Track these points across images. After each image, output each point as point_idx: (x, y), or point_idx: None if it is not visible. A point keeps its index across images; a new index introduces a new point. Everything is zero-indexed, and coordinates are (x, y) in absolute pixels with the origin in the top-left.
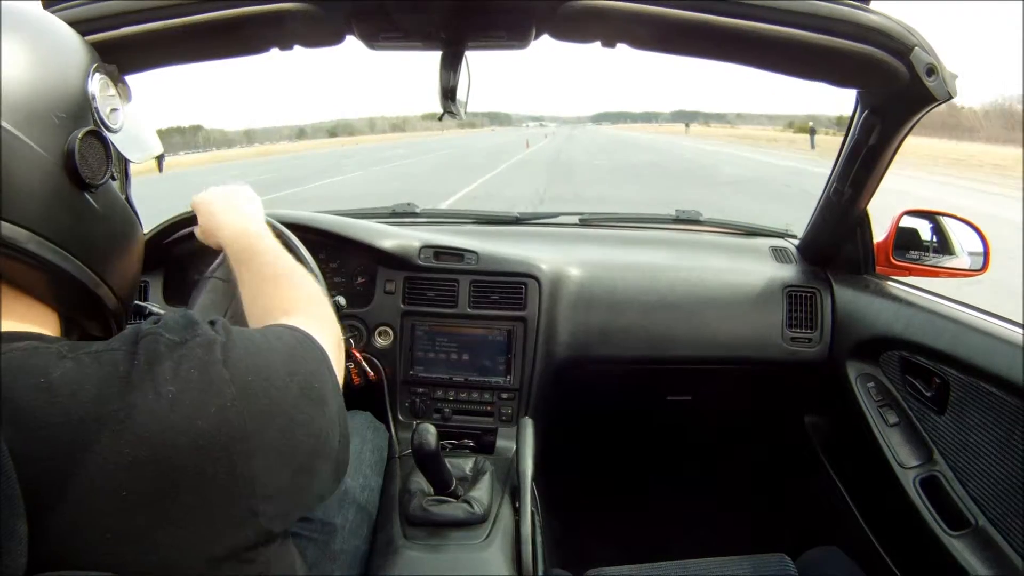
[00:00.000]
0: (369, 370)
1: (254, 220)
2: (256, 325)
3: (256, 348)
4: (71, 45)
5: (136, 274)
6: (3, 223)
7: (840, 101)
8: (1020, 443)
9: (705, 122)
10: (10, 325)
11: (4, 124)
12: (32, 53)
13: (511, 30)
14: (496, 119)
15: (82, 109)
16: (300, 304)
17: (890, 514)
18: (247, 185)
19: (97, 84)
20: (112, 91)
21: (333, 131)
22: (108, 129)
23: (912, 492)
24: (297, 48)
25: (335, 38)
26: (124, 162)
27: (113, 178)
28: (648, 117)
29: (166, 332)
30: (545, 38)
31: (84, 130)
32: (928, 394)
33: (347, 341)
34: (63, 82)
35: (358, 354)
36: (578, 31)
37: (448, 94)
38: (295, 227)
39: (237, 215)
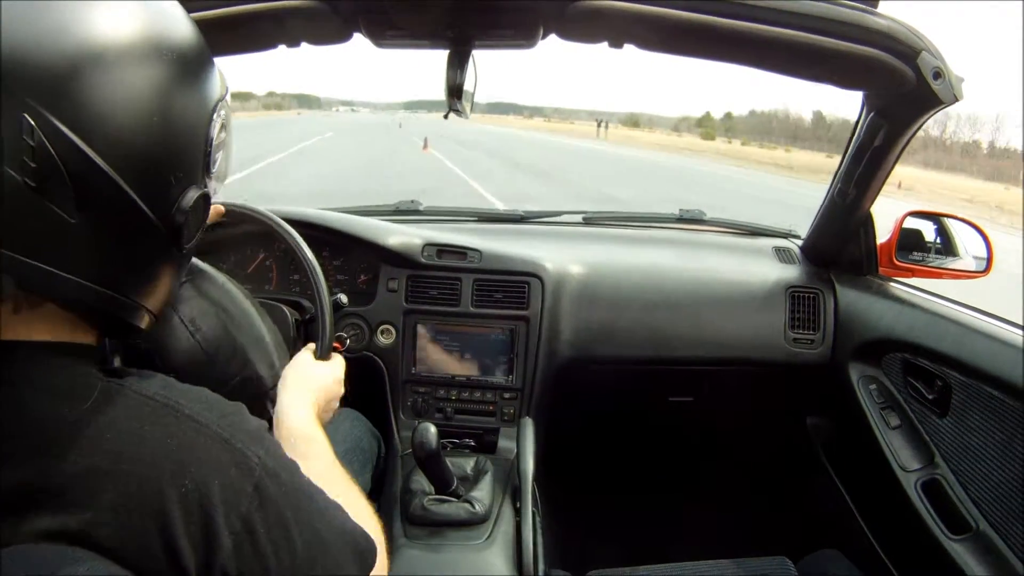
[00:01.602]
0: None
1: (314, 415)
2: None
3: (296, 506)
4: (210, 75)
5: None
6: (96, 289)
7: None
8: (1021, 447)
9: (528, 115)
10: (45, 335)
11: (117, 179)
12: (175, 91)
13: (518, 29)
14: (305, 101)
15: (198, 161)
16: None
17: (891, 517)
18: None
19: (217, 127)
20: (224, 134)
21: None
22: (210, 177)
23: (913, 495)
24: (304, 45)
25: (342, 36)
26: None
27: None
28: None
29: (217, 426)
30: (552, 38)
31: (198, 194)
32: (930, 397)
33: (346, 339)
34: (192, 131)
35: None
36: (586, 31)
37: (454, 92)
38: (297, 224)
39: (307, 404)
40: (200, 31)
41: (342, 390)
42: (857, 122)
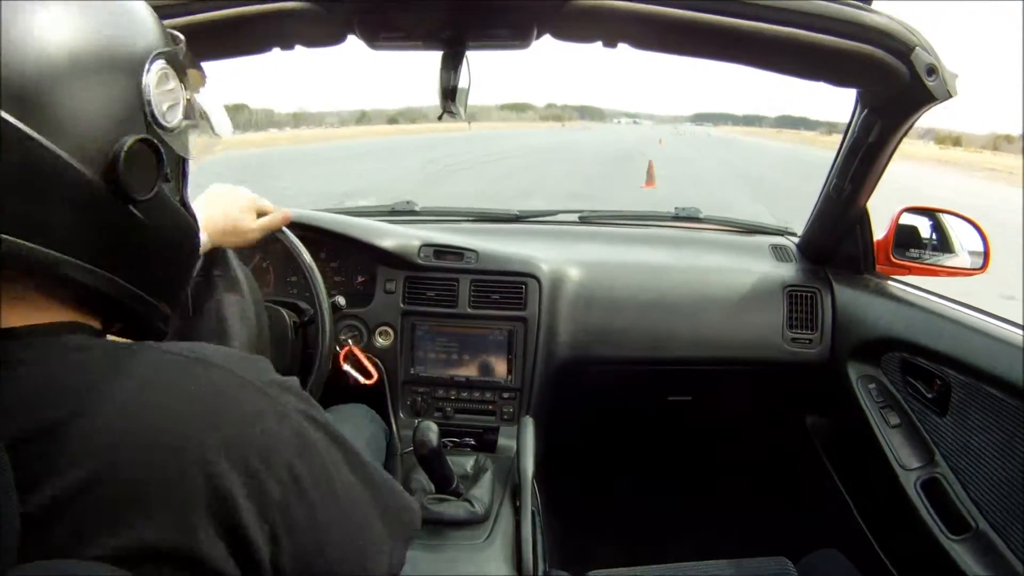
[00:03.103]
0: (371, 368)
1: (229, 212)
2: None
3: (334, 457)
4: (139, 25)
5: (188, 277)
6: (34, 246)
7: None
8: (1021, 446)
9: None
10: (53, 316)
11: (33, 134)
12: (85, 31)
13: (513, 30)
14: (587, 113)
15: (132, 110)
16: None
17: (891, 517)
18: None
19: (154, 77)
20: (171, 84)
21: (394, 118)
22: (163, 128)
23: (913, 495)
24: (298, 48)
25: (336, 38)
26: (182, 161)
27: (167, 180)
28: (750, 120)
29: (248, 375)
30: (546, 38)
31: (132, 139)
32: (929, 396)
33: (347, 341)
34: (113, 79)
35: (359, 353)
36: (580, 31)
37: (448, 94)
38: (294, 226)
39: (215, 215)
40: (195, 35)
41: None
42: (851, 118)
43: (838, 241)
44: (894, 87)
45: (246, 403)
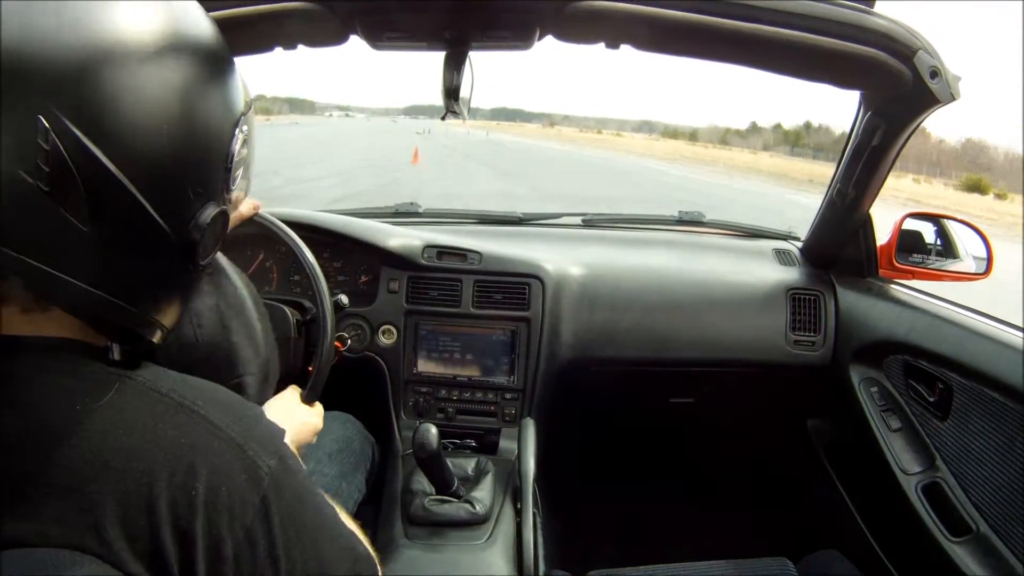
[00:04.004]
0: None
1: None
2: None
3: (301, 523)
4: (233, 85)
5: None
6: (106, 298)
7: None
8: (1022, 450)
9: (549, 124)
10: (51, 331)
11: (132, 189)
12: (196, 98)
13: (515, 31)
14: (297, 106)
15: (218, 177)
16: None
17: (891, 519)
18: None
19: (239, 142)
20: (244, 151)
21: None
22: (229, 193)
23: (914, 498)
24: (301, 47)
25: (339, 38)
26: None
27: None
28: (472, 113)
29: (229, 428)
30: (549, 39)
31: (216, 211)
32: (931, 399)
33: (347, 338)
34: (212, 144)
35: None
36: (582, 32)
37: (451, 94)
38: (297, 226)
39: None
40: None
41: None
42: (854, 122)
43: (841, 246)
44: (897, 90)
45: (220, 460)
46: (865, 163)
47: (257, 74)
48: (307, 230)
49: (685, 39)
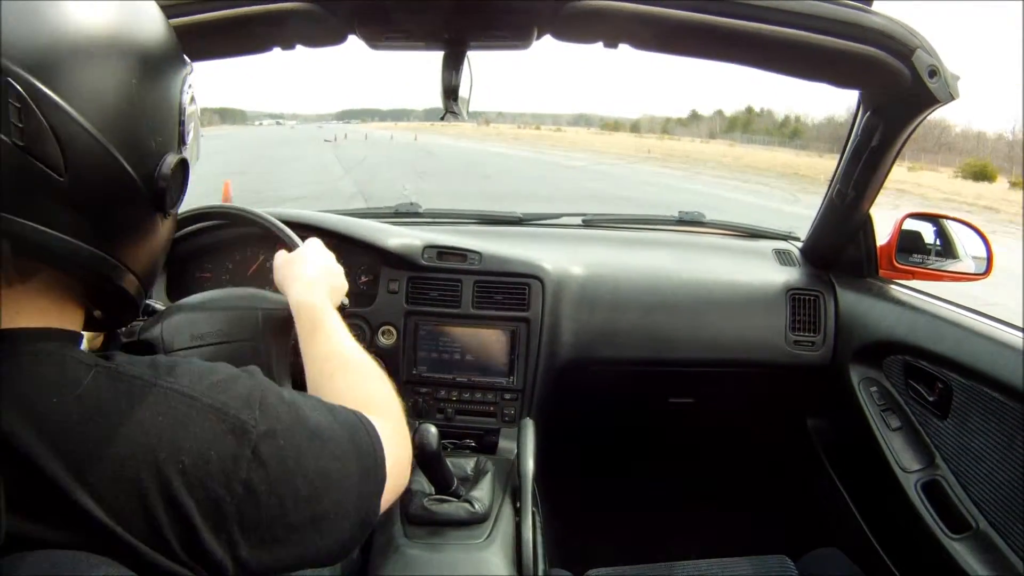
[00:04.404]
0: None
1: (322, 296)
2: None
3: (304, 451)
4: (173, 47)
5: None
6: (83, 245)
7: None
8: (1021, 448)
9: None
10: (33, 321)
11: (102, 139)
12: (141, 61)
13: (513, 30)
14: (228, 116)
15: (173, 128)
16: (382, 405)
17: (891, 517)
18: (335, 262)
19: (188, 96)
20: (193, 106)
21: None
22: (184, 147)
23: (914, 496)
24: (299, 48)
25: (338, 38)
26: None
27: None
28: (399, 115)
29: (207, 396)
30: (547, 38)
31: (176, 159)
32: (931, 399)
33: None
34: (166, 96)
35: None
36: (580, 31)
37: (450, 94)
38: (298, 226)
39: (326, 288)
40: (197, 35)
41: (341, 270)
42: (853, 122)
43: (841, 246)
44: (896, 89)
45: (201, 429)
46: (865, 163)
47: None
48: (308, 230)
49: (683, 38)
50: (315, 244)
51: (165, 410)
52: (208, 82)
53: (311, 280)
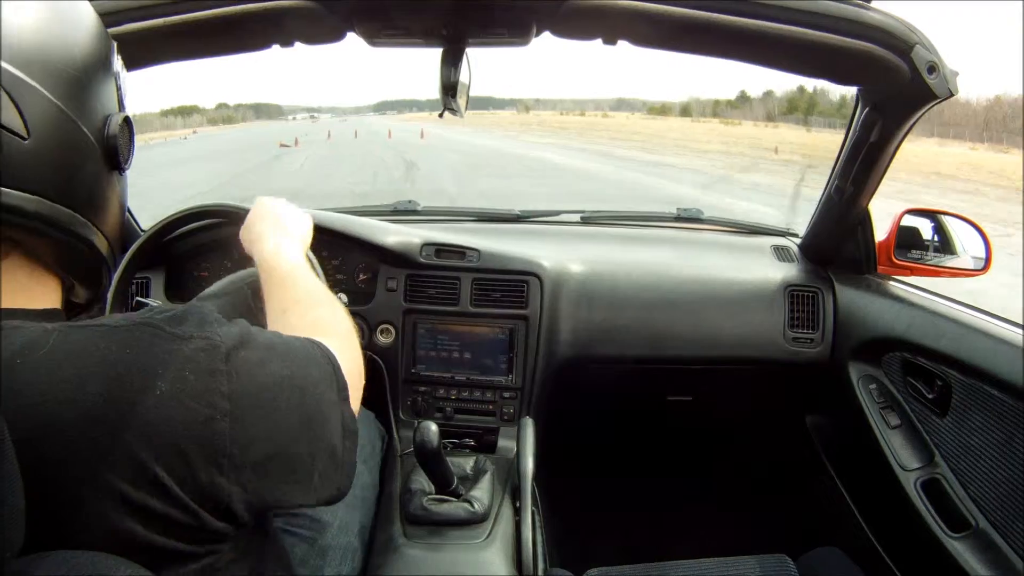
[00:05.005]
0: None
1: (292, 245)
2: None
3: (267, 359)
4: (96, 23)
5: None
6: (55, 205)
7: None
8: (1021, 446)
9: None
10: (15, 300)
11: (62, 106)
12: (79, 32)
13: (512, 27)
14: (263, 111)
15: (112, 91)
16: (328, 325)
17: (891, 515)
18: (297, 208)
19: (120, 65)
20: (124, 74)
21: None
22: (123, 106)
23: (913, 494)
24: (298, 45)
25: (336, 35)
26: None
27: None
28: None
29: (169, 326)
30: (546, 35)
31: (121, 116)
32: (930, 396)
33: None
34: (104, 63)
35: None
36: (579, 28)
37: (449, 90)
38: None
39: (277, 236)
40: (196, 32)
41: (292, 209)
42: (852, 118)
43: (840, 242)
44: (895, 85)
45: (171, 354)
46: (863, 159)
47: (215, 84)
48: None
49: (682, 35)
50: (260, 202)
51: (130, 343)
52: (246, 76)
53: (260, 235)
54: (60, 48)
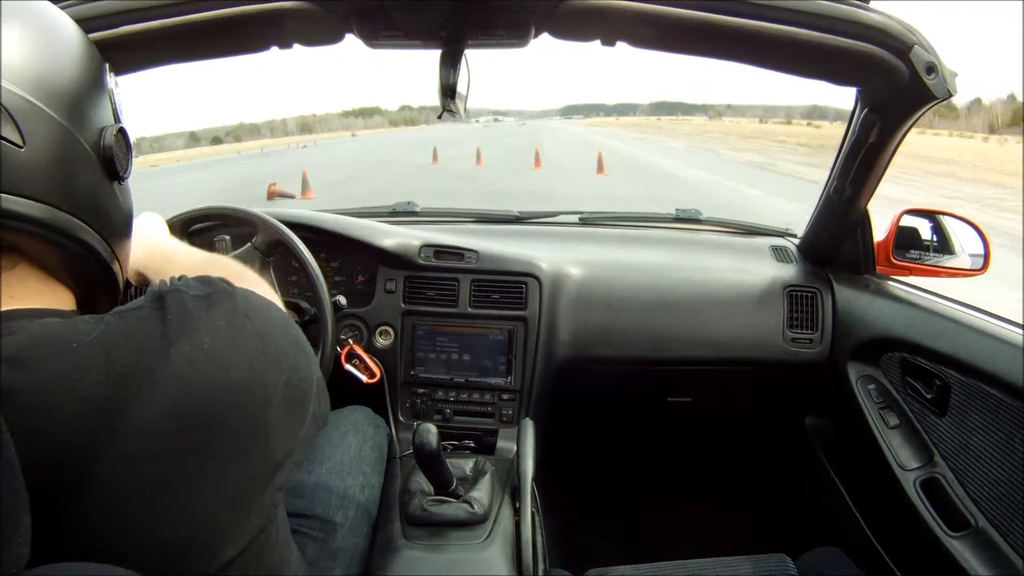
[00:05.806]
0: (374, 367)
1: (158, 235)
2: None
3: (261, 300)
4: (86, 44)
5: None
6: (56, 211)
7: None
8: (1021, 445)
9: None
10: (29, 302)
11: (57, 117)
12: (65, 48)
13: (511, 29)
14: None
15: (107, 105)
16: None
17: (890, 515)
18: (147, 213)
19: (112, 80)
20: (119, 89)
21: (219, 138)
22: (119, 119)
23: (912, 494)
24: (296, 47)
25: (335, 37)
26: None
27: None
28: (624, 109)
29: (188, 289)
30: (544, 36)
31: (116, 127)
32: (929, 396)
33: (348, 340)
34: (94, 77)
35: (361, 351)
36: (578, 30)
37: (448, 92)
38: (295, 226)
39: (141, 239)
40: (193, 34)
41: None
42: (851, 118)
43: (839, 243)
44: (893, 85)
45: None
46: (862, 159)
47: (396, 86)
48: (304, 230)
49: (680, 36)
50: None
51: (97, 324)
52: (420, 81)
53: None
54: (49, 61)
